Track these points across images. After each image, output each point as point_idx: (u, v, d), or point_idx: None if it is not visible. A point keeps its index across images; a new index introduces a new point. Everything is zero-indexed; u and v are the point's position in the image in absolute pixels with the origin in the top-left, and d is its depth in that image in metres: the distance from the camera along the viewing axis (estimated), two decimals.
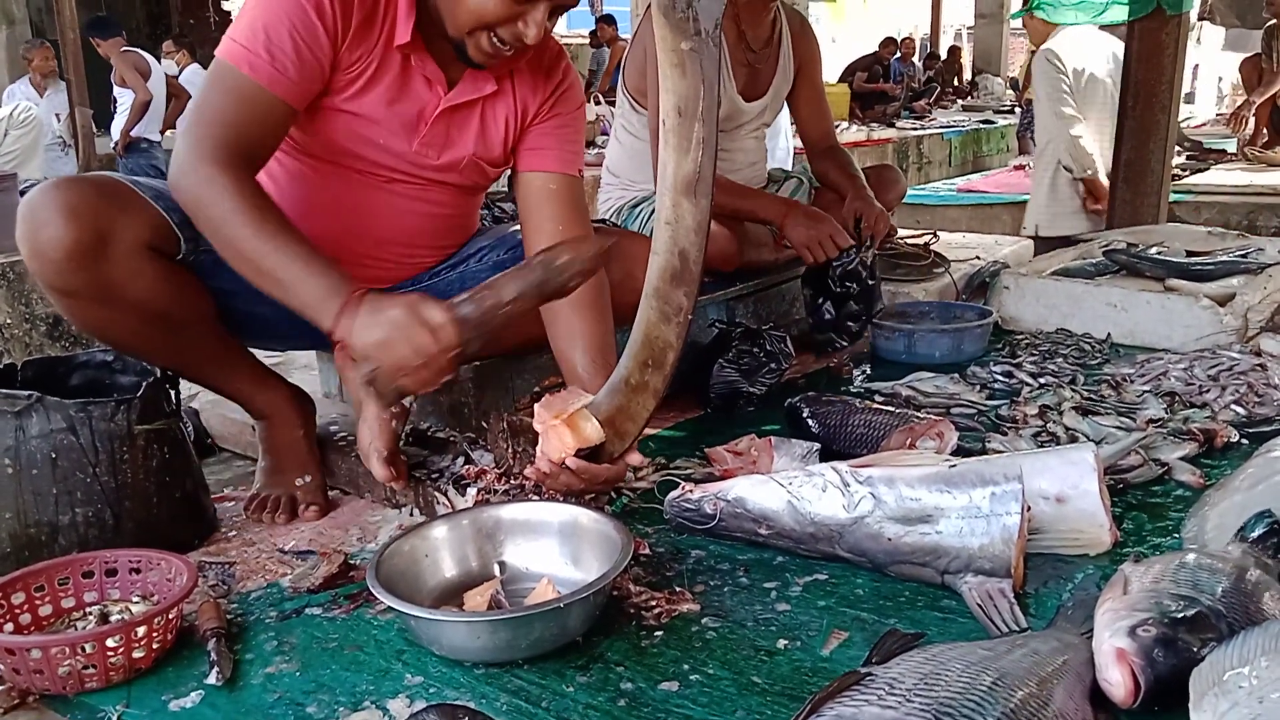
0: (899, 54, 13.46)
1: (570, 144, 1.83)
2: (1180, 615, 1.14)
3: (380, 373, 1.43)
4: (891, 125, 10.63)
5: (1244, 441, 1.90)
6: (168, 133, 7.53)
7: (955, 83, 14.96)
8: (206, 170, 1.47)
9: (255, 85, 1.52)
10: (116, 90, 7.41)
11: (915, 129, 10.43)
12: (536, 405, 1.53)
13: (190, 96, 7.43)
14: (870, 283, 2.56)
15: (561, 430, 1.50)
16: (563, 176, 1.80)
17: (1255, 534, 1.39)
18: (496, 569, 1.47)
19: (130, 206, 1.55)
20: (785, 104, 2.88)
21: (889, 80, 12.79)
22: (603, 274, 1.76)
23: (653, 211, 2.51)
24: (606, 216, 2.90)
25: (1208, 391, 2.13)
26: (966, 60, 16.48)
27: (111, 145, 7.45)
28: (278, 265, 1.44)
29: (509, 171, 1.89)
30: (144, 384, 1.60)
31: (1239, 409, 2.03)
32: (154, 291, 1.57)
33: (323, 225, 1.78)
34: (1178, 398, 2.12)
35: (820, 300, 2.56)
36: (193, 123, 1.54)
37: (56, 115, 7.43)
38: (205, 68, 7.52)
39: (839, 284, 2.51)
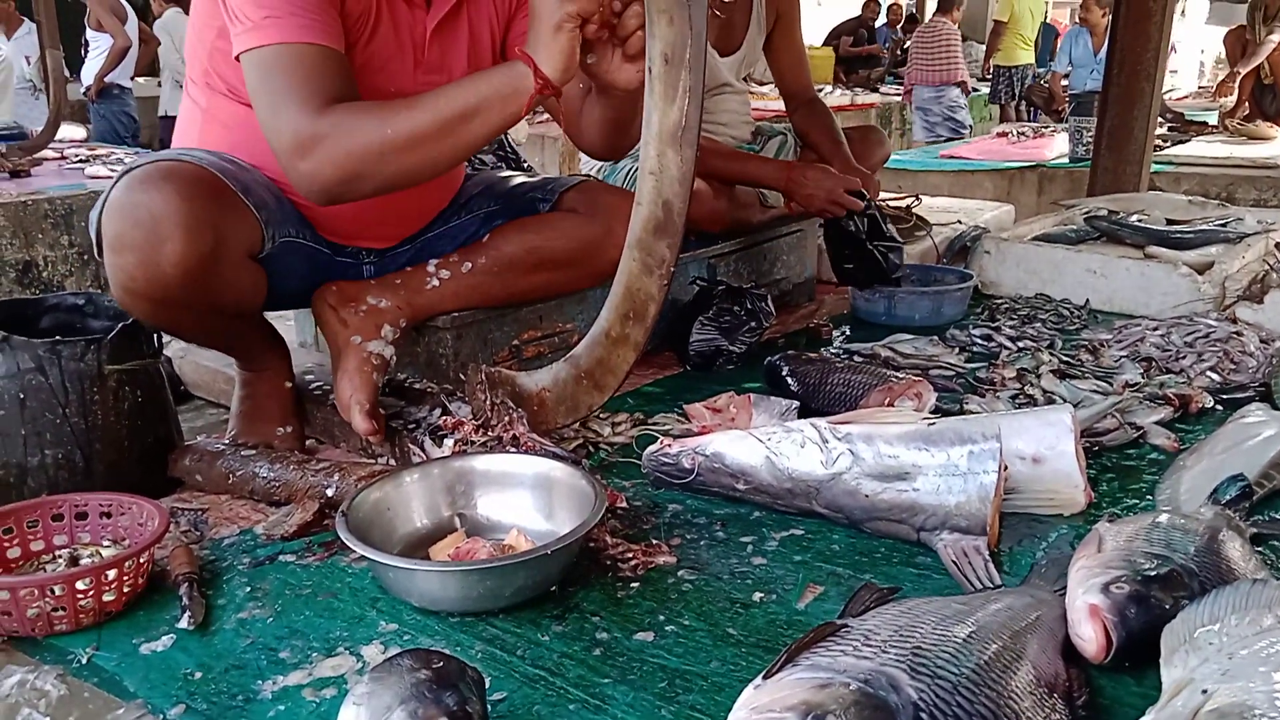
0: (886, 20, 13.37)
1: None
2: (1153, 573, 1.15)
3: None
4: (875, 90, 10.58)
5: (1218, 407, 1.92)
6: (139, 79, 7.37)
7: None
8: (321, 126, 1.41)
9: (301, 46, 1.44)
10: (90, 33, 7.23)
11: (899, 94, 10.38)
12: None
13: (159, 43, 7.27)
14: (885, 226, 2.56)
15: None
16: None
17: (1228, 496, 1.41)
18: (456, 521, 1.46)
19: (236, 212, 1.50)
20: (763, 57, 2.84)
21: (873, 45, 12.71)
22: None
23: (634, 168, 2.50)
24: (589, 172, 2.86)
25: (1184, 358, 2.14)
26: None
27: (82, 91, 7.28)
28: (452, 108, 1.42)
29: None
30: (117, 326, 1.57)
31: (1214, 375, 2.04)
32: (239, 295, 1.57)
33: None
34: (1154, 363, 2.13)
35: (846, 251, 2.55)
36: (275, 111, 1.44)
37: (26, 58, 7.25)
38: (186, 11, 7.36)
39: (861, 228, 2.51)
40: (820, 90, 4.76)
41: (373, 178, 1.46)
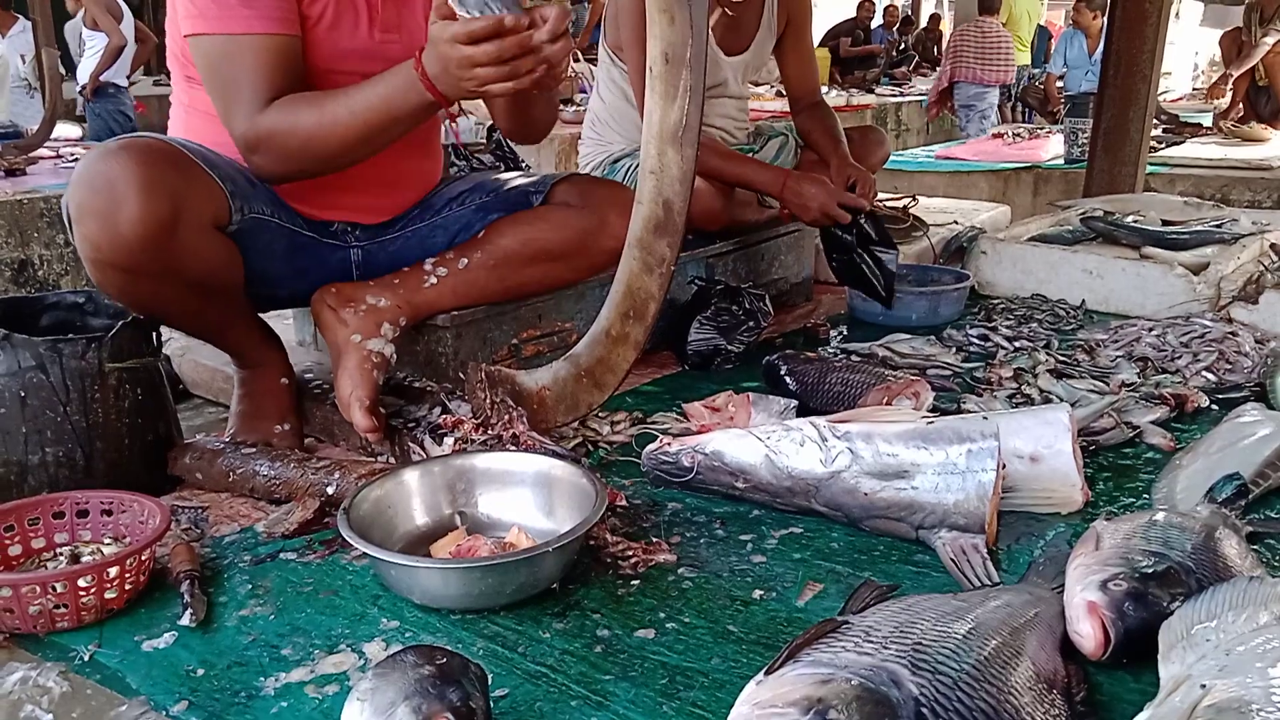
0: (883, 21, 13.40)
1: None
2: (1151, 571, 1.16)
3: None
4: (871, 91, 10.60)
5: (1214, 407, 1.93)
6: (133, 76, 7.35)
7: (935, 51, 14.90)
8: (262, 129, 1.54)
9: (244, 38, 1.52)
10: (86, 32, 7.21)
11: (895, 96, 10.41)
12: None
13: (157, 41, 7.25)
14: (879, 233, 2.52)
15: None
16: None
17: (1224, 495, 1.42)
18: (457, 519, 1.46)
19: (197, 180, 1.52)
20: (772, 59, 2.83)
21: (871, 45, 12.74)
22: None
23: (633, 167, 2.50)
24: (586, 170, 2.87)
25: (1179, 358, 2.15)
26: (946, 28, 16.38)
27: (78, 89, 7.27)
28: (369, 120, 1.52)
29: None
30: (118, 324, 1.57)
31: (1210, 375, 2.06)
32: (209, 267, 1.57)
33: None
34: (1150, 363, 2.14)
35: (835, 257, 2.54)
36: (224, 109, 1.59)
37: (21, 56, 7.23)
38: None
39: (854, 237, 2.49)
40: None
41: (314, 171, 1.64)
